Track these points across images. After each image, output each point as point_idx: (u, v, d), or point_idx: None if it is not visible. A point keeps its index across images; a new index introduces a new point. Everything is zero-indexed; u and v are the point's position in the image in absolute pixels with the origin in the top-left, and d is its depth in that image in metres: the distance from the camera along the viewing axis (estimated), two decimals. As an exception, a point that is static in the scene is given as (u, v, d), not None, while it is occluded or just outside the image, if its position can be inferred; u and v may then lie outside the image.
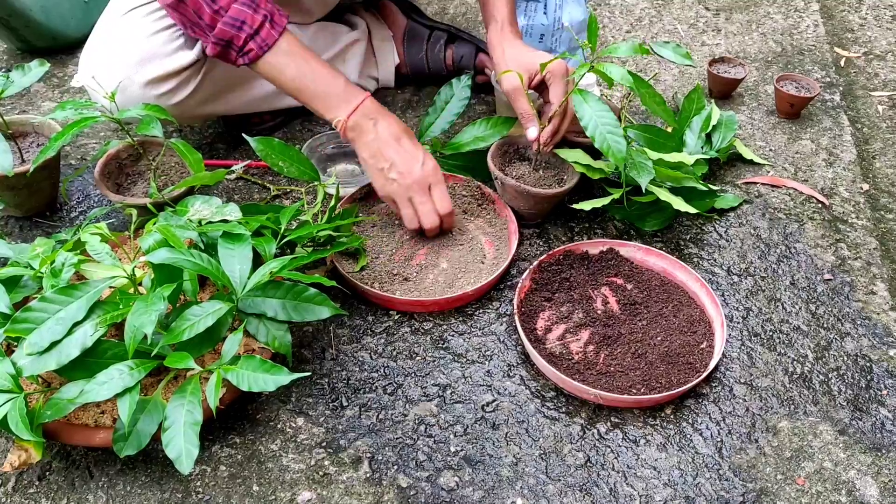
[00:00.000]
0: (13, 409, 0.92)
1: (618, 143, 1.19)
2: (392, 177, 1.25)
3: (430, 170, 1.26)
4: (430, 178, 1.26)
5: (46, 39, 1.80)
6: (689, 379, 1.14)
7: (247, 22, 1.20)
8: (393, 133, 1.26)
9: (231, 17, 1.19)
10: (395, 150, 1.25)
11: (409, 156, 1.25)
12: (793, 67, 1.87)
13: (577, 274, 1.29)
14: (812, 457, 1.08)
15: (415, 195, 1.26)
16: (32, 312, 0.95)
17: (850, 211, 1.47)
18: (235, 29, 1.20)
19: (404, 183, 1.25)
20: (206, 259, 1.01)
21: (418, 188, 1.26)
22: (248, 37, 1.20)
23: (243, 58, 1.23)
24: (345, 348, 1.20)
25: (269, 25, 1.21)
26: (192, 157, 1.21)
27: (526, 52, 1.32)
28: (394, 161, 1.25)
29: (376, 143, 1.25)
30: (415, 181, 1.25)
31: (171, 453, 0.93)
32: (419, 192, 1.26)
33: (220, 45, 1.22)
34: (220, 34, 1.20)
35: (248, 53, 1.22)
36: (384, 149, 1.25)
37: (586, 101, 1.21)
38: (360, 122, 1.25)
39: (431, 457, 1.07)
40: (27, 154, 1.36)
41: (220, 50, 1.23)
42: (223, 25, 1.20)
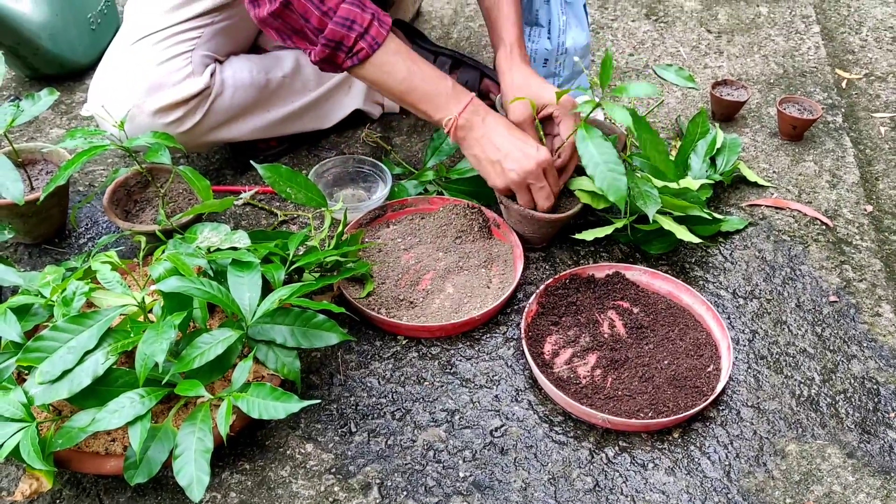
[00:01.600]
0: (25, 437, 0.92)
1: (618, 181, 1.21)
2: (510, 167, 1.27)
3: (543, 155, 1.27)
4: (546, 162, 1.28)
5: (54, 66, 1.82)
6: (697, 402, 1.14)
7: (356, 21, 1.19)
8: (503, 125, 1.29)
9: (341, 16, 1.18)
10: (508, 141, 1.27)
11: (521, 144, 1.27)
12: (795, 89, 1.88)
13: (583, 298, 1.30)
14: (821, 480, 1.08)
15: (533, 181, 1.28)
16: (44, 341, 0.95)
17: (855, 233, 1.48)
18: (346, 28, 1.19)
19: (523, 170, 1.26)
20: (215, 287, 1.01)
21: (536, 174, 1.27)
22: (359, 36, 1.20)
23: (352, 58, 1.22)
24: (353, 374, 1.21)
25: (378, 24, 1.21)
26: (201, 183, 1.22)
27: (534, 81, 1.33)
28: (509, 151, 1.27)
29: (487, 138, 1.28)
30: (533, 168, 1.26)
31: (182, 481, 0.93)
32: (538, 177, 1.28)
33: (330, 46, 1.20)
34: (331, 35, 1.19)
35: (358, 53, 1.21)
36: (497, 140, 1.27)
37: (590, 139, 1.22)
38: (470, 119, 1.27)
39: (441, 482, 1.07)
40: (36, 182, 1.37)
41: (329, 52, 1.21)
42: (333, 26, 1.19)
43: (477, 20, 2.13)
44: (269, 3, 1.20)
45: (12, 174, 1.21)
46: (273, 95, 1.51)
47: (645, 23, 2.16)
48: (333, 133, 1.70)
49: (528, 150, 1.27)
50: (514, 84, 1.34)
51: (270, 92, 1.50)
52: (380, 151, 1.65)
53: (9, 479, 1.06)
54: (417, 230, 1.41)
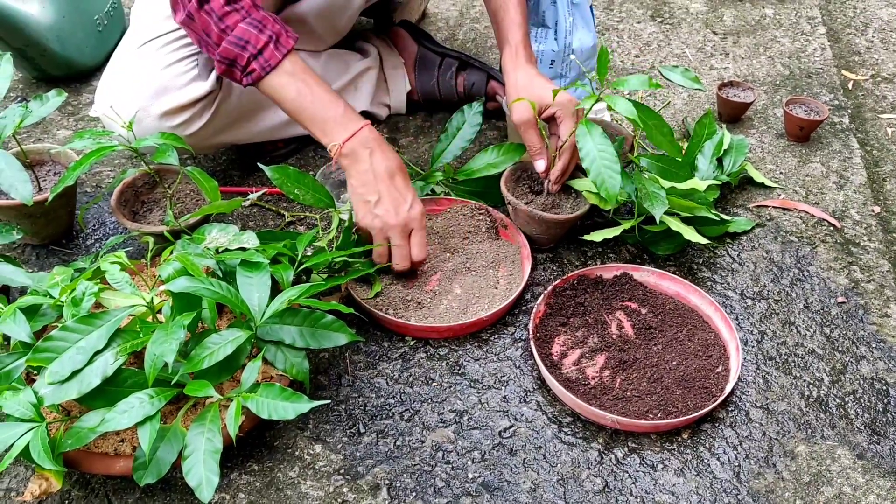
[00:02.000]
0: (35, 438, 0.92)
1: (612, 178, 1.20)
2: (377, 212, 1.23)
3: (415, 214, 1.25)
4: (413, 223, 1.25)
5: (62, 68, 1.82)
6: (706, 403, 1.14)
7: (251, 42, 1.20)
8: (387, 168, 1.25)
9: (236, 36, 1.20)
10: (385, 186, 1.24)
11: (398, 195, 1.24)
12: (801, 91, 1.88)
13: (591, 298, 1.30)
14: (831, 481, 1.08)
15: (394, 237, 1.25)
16: (53, 342, 0.95)
17: (862, 233, 1.48)
18: (239, 48, 1.20)
19: (387, 222, 1.23)
20: (224, 287, 1.01)
21: (399, 231, 1.24)
22: (252, 56, 1.20)
23: (247, 77, 1.23)
24: (361, 374, 1.20)
25: (274, 46, 1.21)
26: (208, 184, 1.22)
27: (538, 81, 1.33)
28: (381, 197, 1.23)
29: (369, 175, 1.24)
30: (398, 223, 1.24)
31: (191, 481, 0.93)
32: (399, 234, 1.24)
33: (225, 63, 1.22)
34: (225, 53, 1.21)
35: (251, 73, 1.22)
36: (376, 182, 1.23)
37: (590, 133, 1.22)
38: (355, 150, 1.24)
39: (450, 483, 1.07)
40: (44, 183, 1.37)
41: (226, 68, 1.23)
42: (227, 44, 1.20)
43: (482, 22, 2.13)
44: (180, 12, 1.23)
45: (21, 175, 1.21)
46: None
47: (650, 24, 2.16)
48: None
49: (400, 206, 1.24)
50: (517, 84, 1.34)
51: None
52: (386, 153, 1.65)
53: (17, 480, 1.06)
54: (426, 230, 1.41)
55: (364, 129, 1.25)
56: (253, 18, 1.20)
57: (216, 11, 1.19)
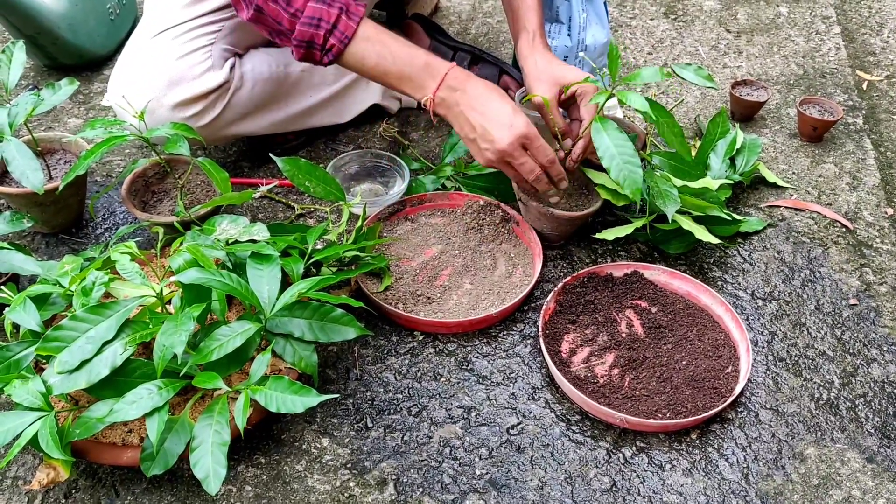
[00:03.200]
0: (44, 427, 0.92)
1: (634, 173, 1.18)
2: (484, 146, 1.23)
3: (519, 129, 1.22)
4: (521, 137, 1.22)
5: (73, 56, 1.82)
6: (715, 404, 1.13)
7: (323, 18, 1.19)
8: (477, 98, 1.24)
9: (308, 16, 1.19)
10: (480, 116, 1.23)
11: (495, 121, 1.22)
12: (815, 90, 1.87)
13: (601, 296, 1.29)
14: (840, 484, 1.08)
15: (512, 158, 1.23)
16: (63, 331, 0.95)
17: (875, 235, 1.47)
18: (314, 27, 1.20)
19: (497, 149, 1.22)
20: (235, 279, 1.01)
21: (512, 150, 1.22)
22: (327, 32, 1.20)
23: (327, 55, 1.22)
24: (369, 369, 1.20)
25: (346, 17, 1.20)
26: (219, 175, 1.22)
27: (557, 64, 1.33)
28: (483, 129, 1.22)
29: (463, 115, 1.24)
30: (507, 145, 1.21)
31: (198, 473, 0.93)
32: (515, 153, 1.23)
33: (303, 46, 1.22)
34: (301, 35, 1.20)
35: (331, 50, 1.22)
36: (471, 117, 1.23)
37: (605, 130, 1.20)
38: (445, 98, 1.24)
39: (457, 479, 1.06)
40: (55, 171, 1.37)
41: (305, 52, 1.23)
42: (301, 26, 1.20)
43: (495, 16, 2.13)
44: (246, 9, 1.22)
45: (32, 163, 1.21)
46: (292, 89, 1.50)
47: (664, 21, 2.14)
48: (351, 127, 1.69)
49: (501, 130, 1.21)
50: (537, 67, 1.33)
51: (289, 86, 1.49)
52: (397, 146, 1.64)
53: (25, 469, 1.06)
54: (436, 226, 1.41)
55: (450, 72, 1.24)
56: None
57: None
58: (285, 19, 1.20)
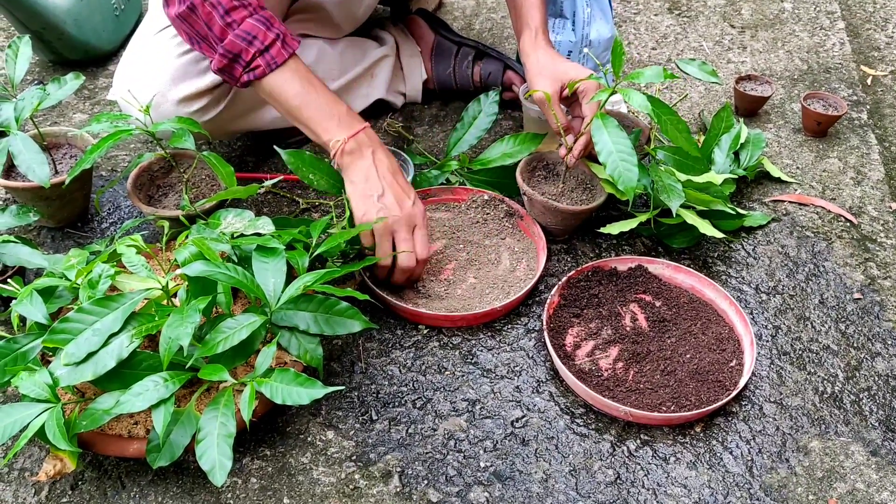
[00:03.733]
0: (51, 418, 0.93)
1: (629, 171, 1.18)
2: (381, 205, 1.20)
3: (419, 210, 1.23)
4: (417, 218, 1.23)
5: (78, 52, 1.83)
6: (719, 397, 1.13)
7: (258, 38, 1.18)
8: (389, 165, 1.24)
9: (243, 30, 1.17)
10: (388, 181, 1.22)
11: (401, 190, 1.22)
12: (819, 85, 1.87)
13: (605, 290, 1.29)
14: (844, 477, 1.08)
15: (399, 231, 1.21)
16: (69, 323, 0.96)
17: (880, 230, 1.47)
18: (246, 43, 1.18)
19: (392, 215, 1.20)
20: (240, 272, 1.02)
21: (404, 224, 1.21)
22: (258, 52, 1.18)
23: (248, 74, 1.20)
24: (374, 362, 1.21)
25: (281, 45, 1.19)
26: (224, 169, 1.22)
27: (559, 61, 1.33)
28: (385, 191, 1.21)
29: (372, 170, 1.22)
30: (404, 216, 1.21)
31: (204, 465, 0.94)
32: (404, 228, 1.22)
33: (227, 57, 1.19)
34: (230, 46, 1.18)
35: (255, 70, 1.19)
36: (379, 177, 1.22)
37: (606, 127, 1.20)
38: (358, 147, 1.22)
39: (461, 472, 1.07)
40: (61, 165, 1.38)
41: (226, 63, 1.20)
42: (234, 38, 1.18)
43: (499, 11, 2.13)
44: (178, 5, 1.19)
45: (38, 157, 1.21)
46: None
47: (668, 17, 2.14)
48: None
49: (405, 200, 1.22)
50: (539, 63, 1.33)
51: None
52: (402, 141, 1.65)
53: (32, 460, 1.07)
54: (440, 220, 1.41)
55: (367, 129, 1.24)
56: (260, 16, 1.18)
57: (223, 4, 1.16)
58: (218, 26, 1.18)
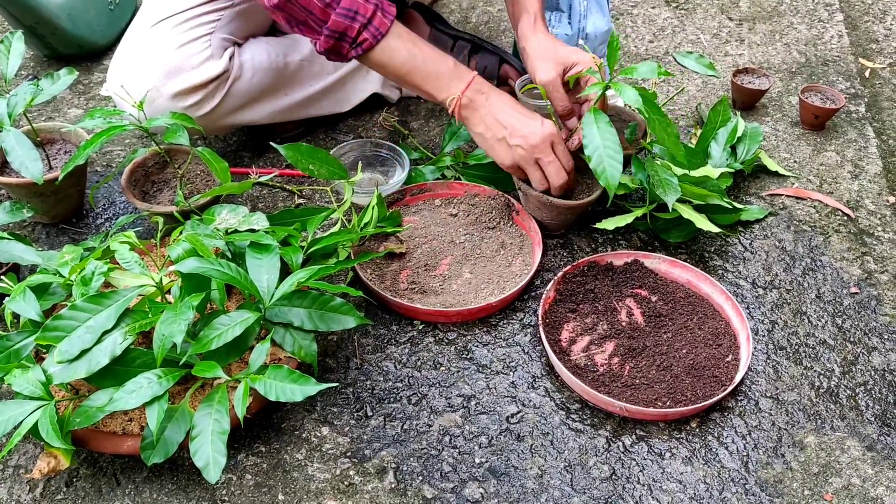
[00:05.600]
0: (44, 416, 0.92)
1: (613, 168, 1.18)
2: (515, 143, 1.26)
3: (549, 128, 1.26)
4: (552, 136, 1.27)
5: (72, 47, 1.82)
6: (715, 392, 1.13)
7: (360, 12, 1.20)
8: (506, 102, 1.28)
9: (344, 7, 1.19)
10: (513, 117, 1.26)
11: (527, 119, 1.26)
12: (817, 78, 1.86)
13: (601, 285, 1.29)
14: (840, 472, 1.08)
15: (542, 155, 1.26)
16: (63, 320, 0.96)
17: (877, 224, 1.46)
18: (349, 19, 1.19)
19: (529, 145, 1.25)
20: (234, 269, 1.01)
21: (544, 147, 1.26)
22: (362, 26, 1.20)
23: (356, 49, 1.23)
24: (369, 358, 1.20)
25: (381, 14, 1.21)
26: (219, 165, 1.22)
27: (560, 45, 1.32)
28: (514, 126, 1.26)
29: (491, 117, 1.27)
30: (540, 141, 1.25)
31: (198, 462, 0.93)
32: (545, 151, 1.26)
33: (333, 37, 1.21)
34: (335, 26, 1.20)
35: (363, 44, 1.22)
36: (501, 117, 1.27)
37: (597, 122, 1.20)
38: (473, 98, 1.27)
39: (456, 468, 1.07)
40: (55, 161, 1.37)
41: (333, 43, 1.22)
42: (336, 17, 1.19)
43: (495, 5, 2.12)
44: None
45: (32, 153, 1.21)
46: (291, 79, 1.50)
47: (665, 10, 2.14)
48: (351, 117, 1.69)
49: (533, 125, 1.26)
50: (541, 47, 1.33)
51: (288, 75, 1.49)
52: (397, 136, 1.64)
53: (26, 457, 1.07)
54: (436, 215, 1.41)
55: (476, 77, 1.28)
56: None
57: None
58: (318, 8, 1.19)
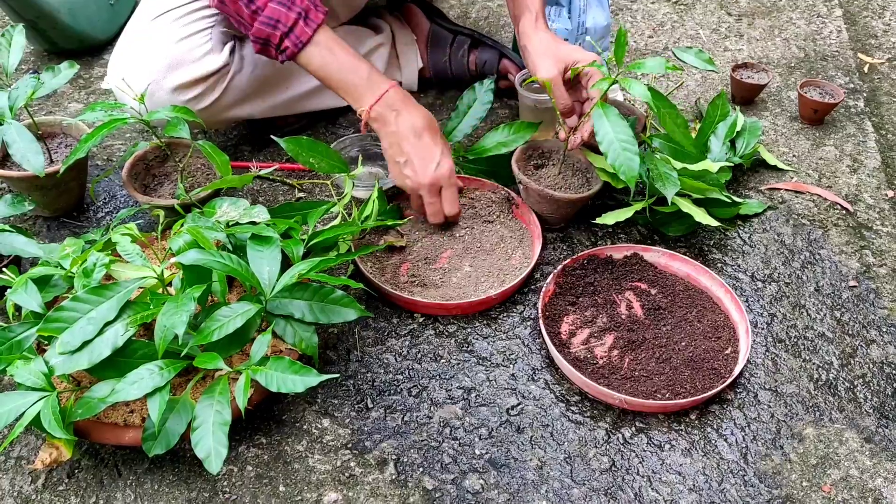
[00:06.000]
0: (46, 407, 0.93)
1: (631, 161, 1.18)
2: (406, 173, 1.28)
3: (443, 172, 1.28)
4: (441, 180, 1.29)
5: (73, 41, 1.82)
6: (714, 384, 1.14)
7: (281, 20, 1.21)
8: (414, 127, 1.27)
9: (266, 16, 1.22)
10: (412, 147, 1.27)
11: (425, 154, 1.27)
12: (816, 73, 1.86)
13: (601, 278, 1.29)
14: (838, 464, 1.08)
15: (425, 195, 1.29)
16: (65, 312, 0.96)
17: (875, 218, 1.47)
18: (271, 28, 1.22)
19: (416, 181, 1.28)
20: (235, 260, 1.02)
21: (429, 188, 1.28)
22: (283, 35, 1.22)
23: (281, 55, 1.25)
24: (370, 350, 1.21)
25: (304, 23, 1.23)
26: (220, 158, 1.22)
27: (561, 43, 1.32)
28: (410, 157, 1.27)
29: (395, 137, 1.27)
30: (427, 182, 1.28)
31: (200, 453, 0.94)
32: (429, 192, 1.29)
33: (259, 42, 1.24)
34: (258, 33, 1.23)
35: (285, 51, 1.24)
36: (402, 143, 1.27)
37: (607, 116, 1.20)
38: (382, 113, 1.27)
39: (457, 459, 1.07)
40: (56, 155, 1.37)
41: (261, 47, 1.25)
42: (259, 24, 1.22)
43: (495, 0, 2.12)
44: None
45: (33, 146, 1.21)
46: (291, 73, 1.50)
47: (664, 5, 2.14)
48: (351, 111, 1.68)
49: (428, 165, 1.27)
50: (542, 44, 1.33)
51: (288, 69, 1.49)
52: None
53: (28, 448, 1.07)
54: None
55: (389, 90, 1.27)
56: None
57: None
58: (245, 14, 1.23)
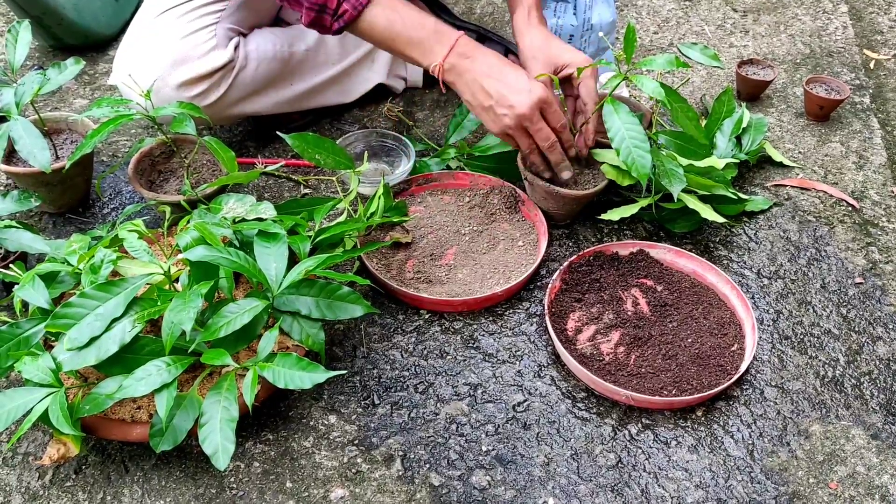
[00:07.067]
0: (54, 402, 0.93)
1: (643, 157, 1.19)
2: (502, 112, 1.22)
3: (538, 94, 1.22)
4: (540, 102, 1.22)
5: (78, 37, 1.82)
6: (720, 381, 1.13)
7: None
8: (492, 66, 1.22)
9: None
10: (497, 82, 1.21)
11: (514, 84, 1.22)
12: (821, 69, 1.86)
13: (607, 275, 1.29)
14: (844, 461, 1.08)
15: (530, 123, 1.23)
16: (72, 308, 0.96)
17: (881, 214, 1.47)
18: None
19: (517, 113, 1.21)
20: (242, 257, 1.02)
21: (531, 114, 1.22)
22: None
23: (338, 21, 1.21)
24: (376, 346, 1.21)
25: None
26: (226, 154, 1.22)
27: (552, 42, 1.32)
28: (501, 95, 1.21)
29: (476, 82, 1.22)
30: (528, 109, 1.21)
31: (207, 449, 0.94)
32: (534, 118, 1.22)
33: (314, 10, 1.20)
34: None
35: (343, 15, 1.20)
36: (485, 83, 1.22)
37: (617, 112, 1.21)
38: (455, 64, 1.22)
39: (463, 455, 1.07)
40: (61, 151, 1.37)
41: (315, 16, 1.21)
42: None
43: (500, -4, 2.12)
44: None
45: (39, 142, 1.21)
46: (296, 69, 1.50)
47: (669, 1, 2.13)
48: (356, 107, 1.69)
49: (520, 94, 1.21)
50: (533, 45, 1.32)
51: (294, 65, 1.49)
52: (402, 126, 1.64)
53: (36, 444, 1.07)
54: (442, 205, 1.41)
55: (460, 39, 1.23)
56: None
57: None
58: None
